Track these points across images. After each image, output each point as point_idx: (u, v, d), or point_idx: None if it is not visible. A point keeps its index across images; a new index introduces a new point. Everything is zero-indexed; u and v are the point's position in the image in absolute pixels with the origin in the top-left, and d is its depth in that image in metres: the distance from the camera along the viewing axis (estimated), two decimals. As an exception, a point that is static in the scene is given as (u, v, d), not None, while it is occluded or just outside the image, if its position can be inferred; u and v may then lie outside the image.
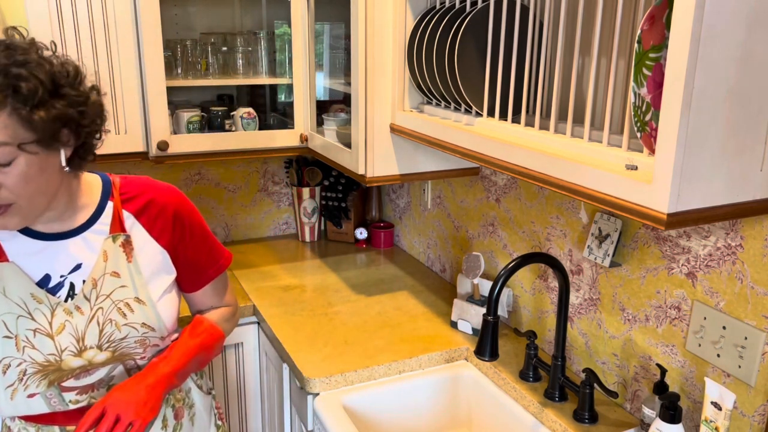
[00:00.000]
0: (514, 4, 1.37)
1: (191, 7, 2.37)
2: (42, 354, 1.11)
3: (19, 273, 1.10)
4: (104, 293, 1.15)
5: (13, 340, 1.09)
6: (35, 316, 1.10)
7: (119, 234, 1.18)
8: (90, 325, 1.14)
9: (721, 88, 0.94)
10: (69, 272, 1.14)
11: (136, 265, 1.19)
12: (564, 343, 1.52)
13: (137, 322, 1.18)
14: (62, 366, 1.13)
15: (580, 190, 1.13)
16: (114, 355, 1.17)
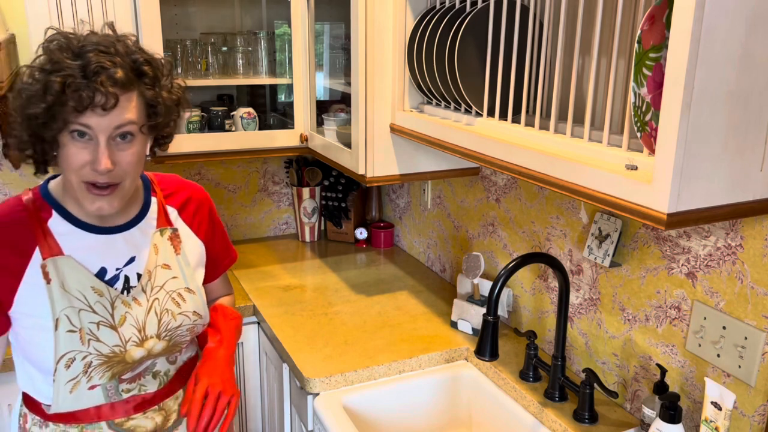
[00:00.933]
0: (514, 4, 1.37)
1: (191, 7, 2.37)
2: (107, 346, 1.13)
3: (78, 266, 1.12)
4: (158, 285, 1.20)
5: (78, 334, 1.10)
6: (96, 309, 1.12)
7: (166, 228, 1.24)
8: (149, 316, 1.17)
9: (721, 88, 0.94)
10: (124, 265, 1.17)
11: (184, 257, 1.25)
12: (564, 343, 1.52)
13: (189, 311, 1.23)
14: (126, 357, 1.15)
15: (580, 190, 1.13)
16: (169, 345, 1.21)
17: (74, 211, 1.16)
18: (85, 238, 1.15)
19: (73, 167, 1.05)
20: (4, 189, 2.29)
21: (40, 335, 1.11)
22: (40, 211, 1.14)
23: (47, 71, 1.03)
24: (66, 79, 1.01)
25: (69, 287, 1.11)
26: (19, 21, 2.16)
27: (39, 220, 1.12)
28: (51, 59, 1.04)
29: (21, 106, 1.05)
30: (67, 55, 1.03)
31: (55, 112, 1.02)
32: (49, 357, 1.11)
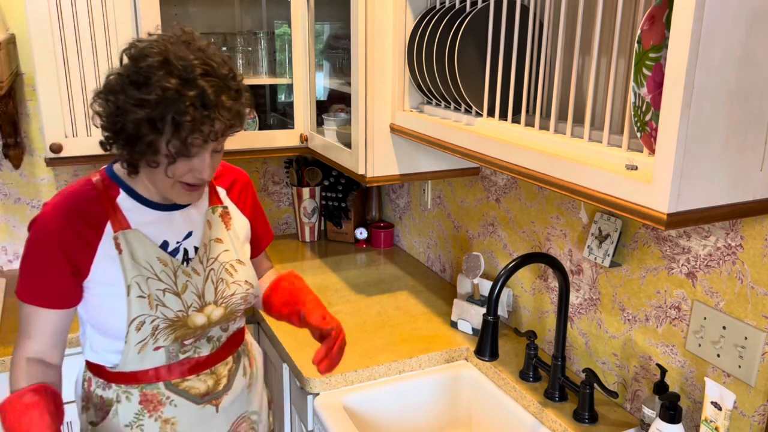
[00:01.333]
0: (514, 4, 1.37)
1: (191, 7, 2.37)
2: (172, 311, 1.25)
3: (144, 239, 1.24)
4: (212, 257, 1.32)
5: (146, 299, 1.22)
6: (162, 277, 1.25)
7: (218, 206, 1.36)
8: (206, 284, 1.30)
9: (721, 88, 0.94)
10: (183, 239, 1.30)
11: (234, 232, 1.38)
12: (564, 343, 1.52)
13: (242, 280, 1.35)
14: (188, 322, 1.27)
15: (580, 190, 1.13)
16: (226, 312, 1.33)
17: (139, 190, 1.26)
18: (149, 214, 1.27)
19: (177, 176, 1.16)
20: (4, 189, 2.29)
21: (114, 302, 1.22)
22: (109, 189, 1.25)
23: (160, 101, 1.07)
24: (186, 115, 1.07)
25: (138, 257, 1.23)
26: (19, 21, 2.16)
27: (109, 197, 1.24)
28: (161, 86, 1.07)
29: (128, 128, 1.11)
30: (177, 83, 1.08)
31: (172, 141, 1.10)
32: (122, 321, 1.22)
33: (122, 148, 1.16)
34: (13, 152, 2.21)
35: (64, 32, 1.96)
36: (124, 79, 1.11)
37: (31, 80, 2.23)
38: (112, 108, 1.13)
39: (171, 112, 1.07)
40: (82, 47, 1.99)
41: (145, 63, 1.09)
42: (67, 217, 1.20)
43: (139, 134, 1.10)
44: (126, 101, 1.10)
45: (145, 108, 1.08)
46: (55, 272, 1.21)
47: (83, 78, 2.01)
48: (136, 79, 1.09)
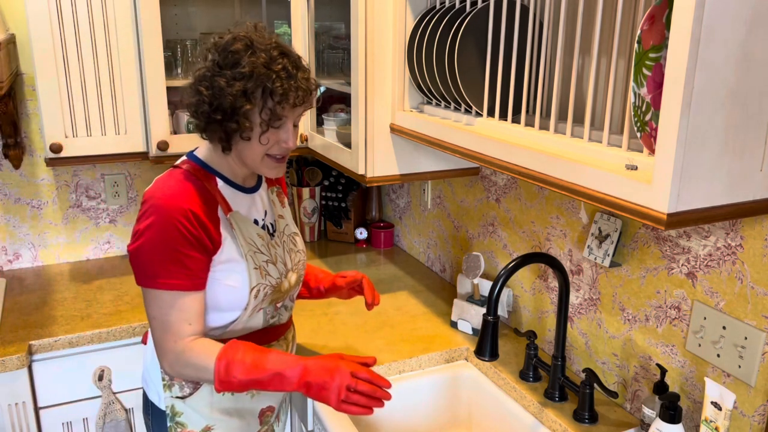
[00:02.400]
0: (514, 4, 1.37)
1: (191, 7, 2.37)
2: (273, 278, 1.41)
3: (245, 219, 1.39)
4: (281, 231, 1.50)
5: (259, 270, 1.38)
6: (263, 250, 1.40)
7: (273, 187, 1.55)
8: (285, 254, 1.47)
9: (721, 88, 0.94)
10: (263, 217, 1.46)
11: (287, 209, 1.57)
12: (564, 343, 1.52)
13: (302, 249, 1.56)
14: (281, 287, 1.44)
15: (580, 190, 1.13)
16: (298, 277, 1.52)
17: (229, 176, 1.40)
18: (240, 197, 1.41)
19: (268, 146, 1.32)
20: (4, 189, 2.29)
21: (236, 274, 1.35)
22: (208, 179, 1.36)
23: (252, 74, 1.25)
24: (276, 83, 1.25)
25: (245, 235, 1.37)
26: (19, 21, 2.16)
27: (211, 186, 1.35)
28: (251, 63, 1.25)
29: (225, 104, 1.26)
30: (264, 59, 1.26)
31: (264, 109, 1.27)
32: (245, 291, 1.36)
33: (218, 126, 1.28)
34: (13, 152, 2.21)
35: (64, 32, 1.96)
36: (215, 66, 1.28)
37: (31, 80, 2.23)
38: (208, 91, 1.27)
39: (263, 82, 1.24)
40: (82, 47, 1.99)
41: (233, 48, 1.27)
42: (190, 201, 1.29)
43: (236, 106, 1.24)
44: (221, 80, 1.25)
45: (240, 81, 1.24)
46: (198, 253, 1.29)
47: (83, 78, 2.01)
48: (228, 62, 1.26)
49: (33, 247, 2.37)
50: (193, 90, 1.31)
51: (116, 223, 2.46)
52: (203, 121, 1.30)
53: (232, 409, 1.44)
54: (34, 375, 1.87)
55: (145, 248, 1.27)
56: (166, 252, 1.26)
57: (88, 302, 2.08)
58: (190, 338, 1.30)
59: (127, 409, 2.01)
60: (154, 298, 1.29)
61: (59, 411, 1.93)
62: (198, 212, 1.28)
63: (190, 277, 1.29)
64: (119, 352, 1.96)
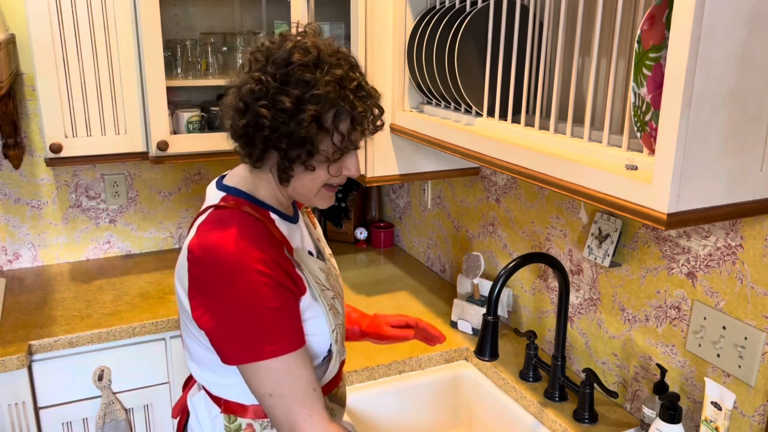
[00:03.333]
0: (514, 4, 1.37)
1: (191, 7, 2.37)
2: (341, 314, 1.22)
3: (305, 254, 1.19)
4: (326, 256, 1.32)
5: (332, 310, 1.18)
6: (327, 285, 1.20)
7: (302, 209, 1.33)
8: (333, 280, 1.26)
9: (721, 88, 0.94)
10: (312, 246, 1.27)
11: (319, 229, 1.38)
12: (564, 343, 1.52)
13: (339, 273, 1.35)
14: (344, 321, 1.27)
15: (580, 190, 1.13)
16: (342, 302, 1.30)
17: (278, 207, 1.19)
18: (293, 229, 1.21)
19: (334, 174, 1.12)
20: (4, 189, 2.29)
21: (318, 320, 1.15)
22: (263, 216, 1.13)
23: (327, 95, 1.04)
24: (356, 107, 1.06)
25: (313, 273, 1.17)
26: (19, 21, 2.16)
27: (268, 223, 1.13)
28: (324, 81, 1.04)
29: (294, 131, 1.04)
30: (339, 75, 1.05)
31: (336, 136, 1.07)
32: (327, 335, 1.16)
33: (281, 153, 1.07)
34: (13, 152, 2.21)
35: (64, 32, 1.96)
36: (274, 81, 1.04)
37: (31, 80, 2.23)
38: (269, 112, 1.04)
39: (338, 104, 1.04)
40: (82, 47, 1.99)
41: (295, 59, 1.04)
42: (264, 252, 1.06)
43: (308, 134, 1.03)
44: (286, 100, 1.03)
45: (313, 104, 1.03)
46: (290, 301, 1.09)
47: (83, 78, 2.01)
48: (293, 78, 1.04)
49: (33, 247, 2.37)
50: (241, 109, 1.07)
51: (116, 223, 2.46)
52: (260, 147, 1.07)
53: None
54: (34, 375, 1.87)
55: (232, 316, 1.03)
56: (260, 314, 1.03)
57: (88, 302, 2.08)
58: (320, 403, 1.07)
59: (126, 409, 2.01)
60: (264, 371, 1.04)
61: (59, 411, 1.92)
62: (274, 256, 1.07)
63: (292, 333, 1.07)
64: (119, 352, 1.96)
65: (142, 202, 2.48)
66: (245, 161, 1.14)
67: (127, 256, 2.49)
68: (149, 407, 2.04)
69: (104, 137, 2.08)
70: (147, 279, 2.27)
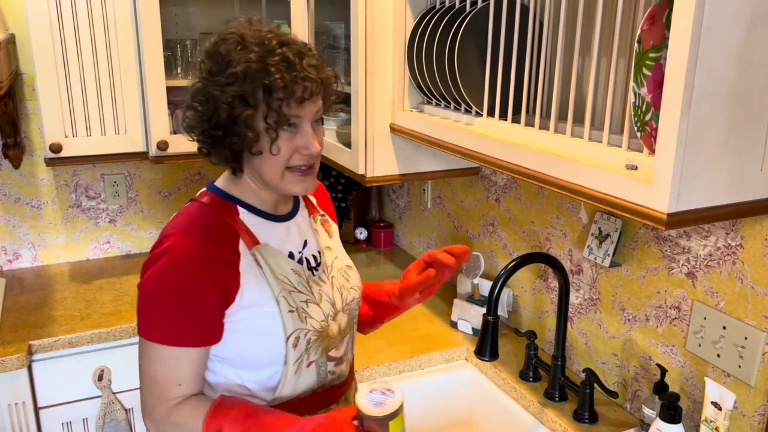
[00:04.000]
0: (514, 4, 1.37)
1: (191, 7, 2.37)
2: (317, 321, 1.19)
3: (276, 252, 1.18)
4: (329, 265, 1.27)
5: (296, 313, 1.16)
6: (300, 288, 1.18)
7: (317, 215, 1.32)
8: (334, 292, 1.25)
9: (721, 88, 0.94)
10: (302, 249, 1.24)
11: (336, 239, 1.34)
12: (564, 343, 1.52)
13: (356, 285, 1.31)
14: (329, 332, 1.21)
15: (580, 190, 1.13)
16: (348, 318, 1.28)
17: (254, 204, 1.20)
18: (270, 227, 1.20)
19: (284, 156, 1.11)
20: (4, 189, 2.29)
21: (266, 321, 1.14)
22: (228, 209, 1.17)
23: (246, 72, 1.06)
24: (276, 79, 1.05)
25: (276, 272, 1.16)
26: (19, 21, 2.16)
27: (231, 216, 1.16)
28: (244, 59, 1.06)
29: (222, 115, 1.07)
30: (259, 53, 1.07)
31: (269, 113, 1.07)
32: (279, 340, 1.14)
33: (223, 144, 1.10)
34: (13, 152, 2.21)
35: (64, 32, 1.96)
36: (205, 75, 1.10)
37: (31, 80, 2.23)
38: (204, 106, 1.09)
39: (260, 80, 1.05)
40: (82, 47, 1.99)
41: (222, 48, 1.09)
42: (202, 244, 1.10)
43: (234, 115, 1.06)
44: (214, 89, 1.07)
45: (233, 85, 1.06)
46: (206, 305, 1.10)
47: (83, 78, 2.01)
48: (219, 66, 1.08)
49: (33, 247, 2.37)
50: (189, 109, 1.12)
51: (116, 223, 2.46)
52: (206, 143, 1.12)
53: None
54: (34, 375, 1.87)
55: (147, 290, 1.10)
56: (166, 299, 1.09)
57: (87, 302, 2.08)
58: (176, 400, 1.12)
59: (126, 409, 2.01)
60: (145, 348, 1.11)
61: (59, 411, 1.92)
62: (210, 255, 1.10)
63: (187, 331, 1.10)
64: (119, 352, 1.96)
65: (142, 202, 2.48)
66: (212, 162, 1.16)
67: (127, 256, 2.49)
68: (149, 407, 2.04)
69: (104, 137, 2.08)
70: (147, 279, 2.27)
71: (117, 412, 1.98)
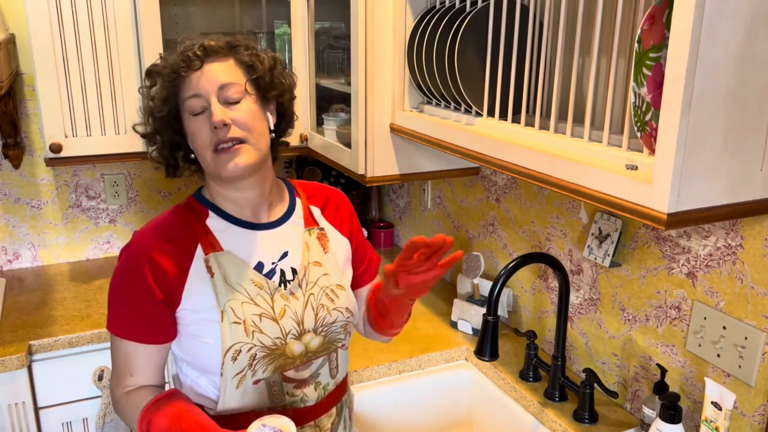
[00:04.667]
0: (514, 4, 1.37)
1: (191, 7, 2.37)
2: (269, 338, 1.15)
3: (237, 260, 1.17)
4: (312, 281, 1.22)
5: (242, 326, 1.13)
6: (257, 301, 1.15)
7: (314, 228, 1.27)
8: (306, 310, 1.19)
9: (721, 88, 0.94)
10: (278, 260, 1.21)
11: (332, 255, 1.27)
12: (564, 343, 1.52)
13: (343, 307, 1.24)
14: (286, 351, 1.17)
15: (580, 190, 1.13)
16: (325, 341, 1.22)
17: (229, 210, 1.20)
18: (241, 234, 1.19)
19: (202, 141, 1.12)
20: (4, 189, 2.29)
21: (207, 329, 1.14)
22: (198, 212, 1.20)
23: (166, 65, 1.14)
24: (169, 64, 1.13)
25: (231, 281, 1.15)
26: (19, 21, 2.16)
27: (198, 220, 1.18)
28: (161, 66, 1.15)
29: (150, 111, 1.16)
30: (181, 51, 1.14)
31: (168, 94, 1.13)
32: (217, 351, 1.13)
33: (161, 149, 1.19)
34: (13, 152, 2.21)
35: (64, 32, 1.96)
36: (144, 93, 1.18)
37: (31, 80, 2.23)
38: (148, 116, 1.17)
39: (171, 69, 1.12)
40: (82, 47, 1.99)
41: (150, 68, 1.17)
42: (154, 243, 1.14)
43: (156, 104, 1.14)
44: (146, 101, 1.16)
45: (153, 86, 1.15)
46: (148, 303, 1.13)
47: (83, 78, 2.01)
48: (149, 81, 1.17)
49: (33, 247, 2.37)
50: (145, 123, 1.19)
51: (116, 223, 2.46)
52: (162, 157, 1.20)
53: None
54: (34, 375, 1.87)
55: (111, 283, 1.17)
56: (118, 297, 1.15)
57: (87, 302, 2.08)
58: (129, 387, 1.17)
59: (127, 409, 2.01)
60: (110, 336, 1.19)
61: (59, 411, 1.92)
62: (158, 257, 1.13)
63: (140, 329, 1.14)
64: (119, 352, 1.96)
65: (142, 202, 2.48)
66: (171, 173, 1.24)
67: (127, 256, 2.49)
68: (149, 407, 2.04)
69: (104, 137, 2.08)
70: (147, 279, 2.27)
71: (117, 412, 1.98)
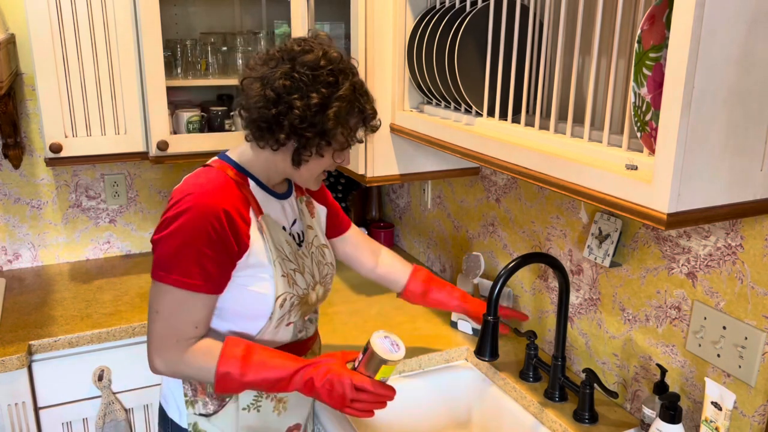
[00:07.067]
0: (514, 4, 1.37)
1: (191, 7, 2.37)
2: (301, 288, 1.37)
3: (276, 224, 1.36)
4: (310, 242, 1.45)
5: (286, 278, 1.33)
6: (291, 258, 1.37)
7: (303, 197, 1.50)
8: (313, 265, 1.43)
9: (721, 88, 0.94)
10: (291, 225, 1.42)
11: (318, 219, 1.53)
12: (564, 343, 1.52)
13: (330, 262, 1.50)
14: (308, 299, 1.40)
15: (580, 190, 1.13)
16: (324, 289, 1.47)
17: (262, 180, 1.37)
18: (271, 201, 1.38)
19: (319, 168, 1.33)
20: (4, 189, 2.29)
21: (264, 282, 1.31)
22: (241, 178, 1.33)
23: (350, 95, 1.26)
24: (367, 107, 1.30)
25: (275, 240, 1.34)
26: (19, 21, 2.16)
27: (244, 186, 1.32)
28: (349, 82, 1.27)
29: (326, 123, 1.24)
30: (353, 80, 1.28)
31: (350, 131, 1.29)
32: (271, 299, 1.31)
33: (301, 140, 1.25)
34: (13, 152, 2.21)
35: (64, 32, 1.96)
36: (306, 80, 1.23)
37: (31, 80, 2.23)
38: (302, 102, 1.22)
39: (355, 105, 1.27)
40: (82, 47, 1.99)
41: (327, 67, 1.25)
42: (225, 199, 1.25)
43: (329, 127, 1.24)
44: (316, 97, 1.22)
45: (337, 102, 1.24)
46: (222, 254, 1.24)
47: (83, 78, 2.01)
48: (321, 79, 1.23)
49: (33, 247, 2.37)
50: (273, 99, 1.23)
51: (116, 223, 2.46)
52: (285, 133, 1.24)
53: (258, 427, 1.40)
54: (34, 375, 1.87)
55: (169, 241, 1.21)
56: (190, 250, 1.21)
57: (87, 302, 2.08)
58: (192, 340, 1.26)
59: (126, 409, 2.01)
60: (164, 293, 1.23)
61: (59, 411, 1.93)
62: (232, 212, 1.24)
63: (207, 280, 1.23)
64: (119, 352, 1.96)
65: (142, 201, 2.48)
66: (260, 144, 1.29)
67: (127, 256, 2.50)
68: (149, 407, 2.04)
69: (104, 137, 2.08)
70: (147, 279, 2.27)
71: (117, 412, 1.98)
